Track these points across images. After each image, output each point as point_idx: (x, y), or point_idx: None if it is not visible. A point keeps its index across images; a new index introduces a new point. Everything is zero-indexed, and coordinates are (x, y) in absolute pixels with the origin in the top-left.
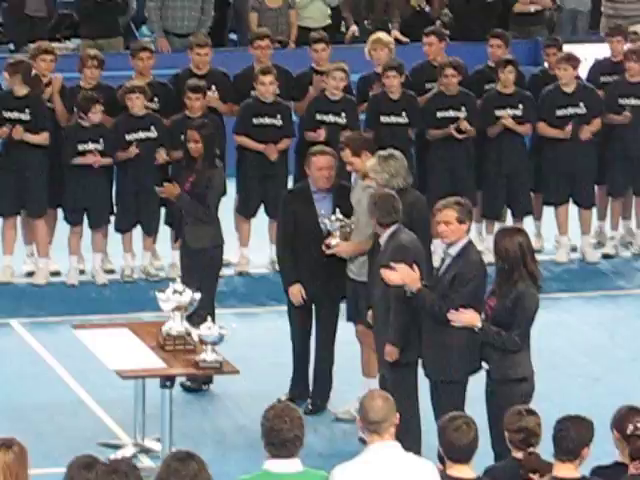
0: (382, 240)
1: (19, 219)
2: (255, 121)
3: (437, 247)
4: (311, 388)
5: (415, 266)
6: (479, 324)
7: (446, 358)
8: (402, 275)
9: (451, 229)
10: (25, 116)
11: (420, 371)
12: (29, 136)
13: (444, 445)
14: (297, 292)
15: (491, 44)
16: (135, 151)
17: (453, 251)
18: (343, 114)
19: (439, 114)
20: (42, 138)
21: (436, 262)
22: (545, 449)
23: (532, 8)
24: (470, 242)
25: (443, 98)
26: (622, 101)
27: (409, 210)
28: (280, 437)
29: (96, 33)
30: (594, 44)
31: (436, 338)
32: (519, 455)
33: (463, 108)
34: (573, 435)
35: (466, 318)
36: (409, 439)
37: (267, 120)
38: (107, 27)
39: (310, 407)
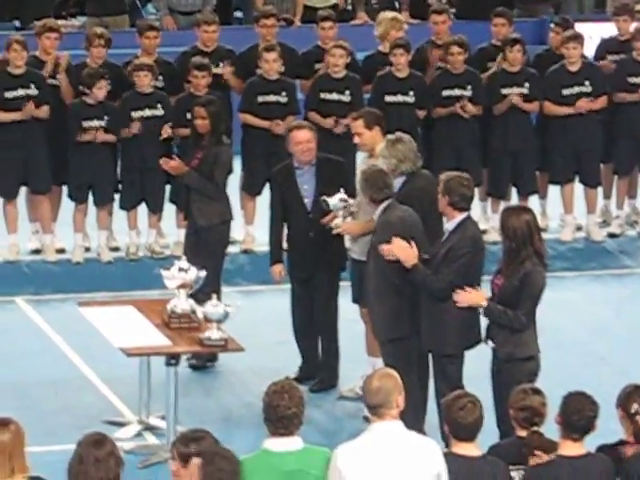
0: (375, 217)
1: (22, 196)
2: (260, 99)
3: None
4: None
5: (413, 243)
6: (484, 303)
7: (442, 332)
8: (396, 250)
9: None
10: (32, 91)
11: None
12: (37, 111)
13: (449, 423)
14: (277, 272)
15: (495, 23)
16: (137, 127)
17: (450, 226)
18: (347, 92)
19: (445, 92)
20: (45, 112)
21: None
22: (549, 428)
23: None
24: (468, 217)
25: (449, 76)
26: (631, 79)
27: (419, 194)
28: (277, 413)
29: (102, 11)
30: (600, 23)
31: (432, 312)
32: (523, 434)
33: (469, 86)
34: (588, 412)
35: (472, 298)
36: (410, 414)
37: (272, 97)
38: (113, 5)
39: (315, 385)
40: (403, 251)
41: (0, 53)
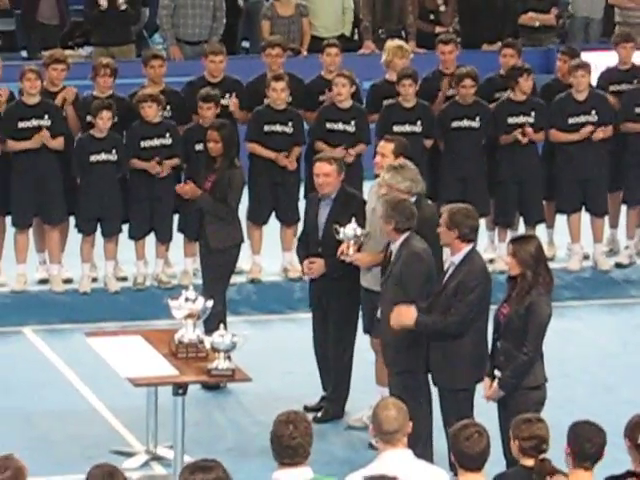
0: (394, 247)
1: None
2: (266, 128)
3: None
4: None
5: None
6: (412, 323)
7: (453, 366)
8: (398, 320)
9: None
10: (46, 122)
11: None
12: (51, 142)
13: (456, 453)
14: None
15: (504, 54)
16: (157, 169)
17: (457, 259)
18: (353, 122)
19: (454, 123)
20: (59, 143)
21: None
22: (554, 457)
23: (537, 23)
24: (473, 249)
25: (458, 107)
26: (638, 110)
27: (430, 224)
28: (282, 443)
29: (108, 41)
30: (606, 52)
31: (443, 346)
32: (528, 463)
33: (477, 117)
34: (598, 440)
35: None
36: (420, 445)
37: (278, 127)
38: (118, 35)
39: (319, 417)
40: (405, 317)
41: (9, 84)
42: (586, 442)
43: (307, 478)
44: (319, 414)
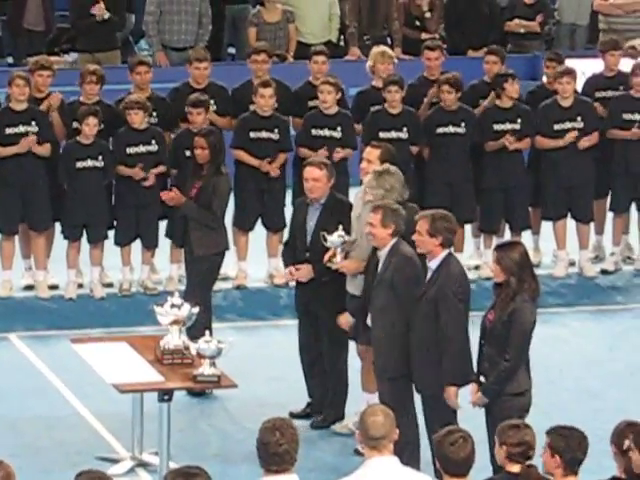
0: (383, 253)
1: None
2: (252, 135)
3: None
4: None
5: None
6: (484, 400)
7: (437, 372)
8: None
9: (420, 240)
10: (33, 128)
11: None
12: (38, 148)
13: (441, 459)
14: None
15: (487, 60)
16: (140, 175)
17: (434, 264)
18: (339, 128)
19: (439, 129)
20: (46, 149)
21: None
22: (538, 463)
23: (522, 30)
24: (450, 253)
25: (442, 113)
26: (626, 116)
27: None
28: (268, 450)
29: (93, 47)
30: (592, 59)
31: (426, 353)
32: (514, 469)
33: (462, 123)
34: (585, 443)
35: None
36: (407, 453)
37: (264, 134)
38: (104, 41)
39: (318, 422)
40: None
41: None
42: (577, 450)
43: None
44: (319, 419)
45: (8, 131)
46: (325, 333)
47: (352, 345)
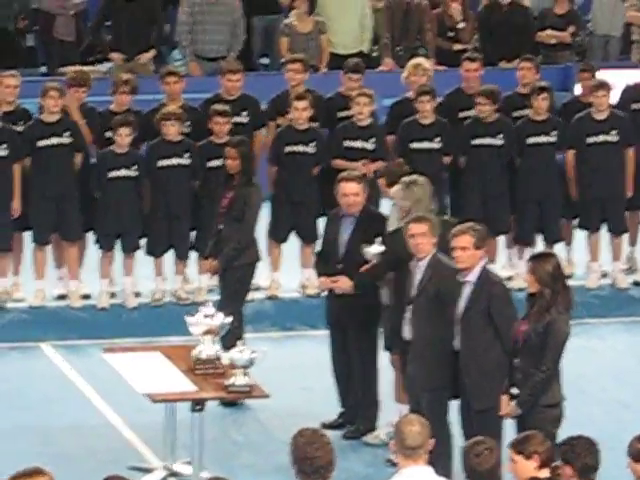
0: (422, 263)
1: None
2: (287, 149)
3: None
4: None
5: None
6: (517, 410)
7: (490, 387)
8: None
9: (467, 254)
10: (65, 139)
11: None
12: (77, 159)
13: (466, 470)
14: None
15: (521, 67)
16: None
17: (473, 277)
18: (371, 140)
19: (476, 141)
20: (79, 160)
21: None
22: None
23: (553, 40)
24: (485, 265)
25: (479, 125)
26: None
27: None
28: (314, 465)
29: (127, 45)
30: (625, 70)
31: (481, 368)
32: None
33: (499, 135)
34: (596, 450)
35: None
36: (440, 463)
37: (300, 148)
38: (139, 40)
39: (350, 432)
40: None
41: (28, 99)
42: (587, 455)
43: None
44: (351, 429)
45: (40, 144)
46: (354, 345)
47: (382, 355)
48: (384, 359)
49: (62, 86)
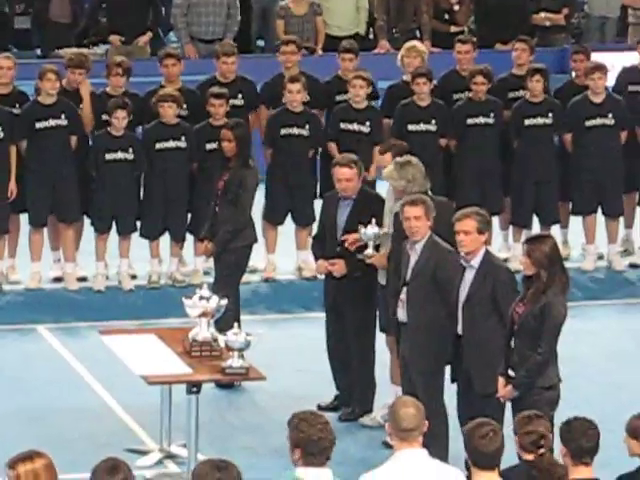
0: (419, 245)
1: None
2: (283, 131)
3: None
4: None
5: None
6: (513, 393)
7: (492, 371)
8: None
9: (470, 239)
10: (62, 121)
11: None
12: (73, 141)
13: (471, 452)
14: (322, 266)
15: (516, 47)
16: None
17: (476, 263)
18: (368, 123)
19: (469, 120)
20: (74, 142)
21: None
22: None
23: (547, 22)
24: (487, 249)
25: (472, 105)
26: None
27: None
28: (320, 446)
29: (124, 28)
30: (622, 52)
31: (484, 352)
32: (529, 457)
33: (491, 114)
34: (593, 433)
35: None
36: (436, 445)
37: (295, 130)
38: (135, 22)
39: (346, 415)
40: (502, 390)
41: (24, 81)
42: (582, 437)
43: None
44: (347, 411)
45: (38, 125)
46: (351, 328)
47: (379, 338)
48: (380, 341)
49: (59, 68)
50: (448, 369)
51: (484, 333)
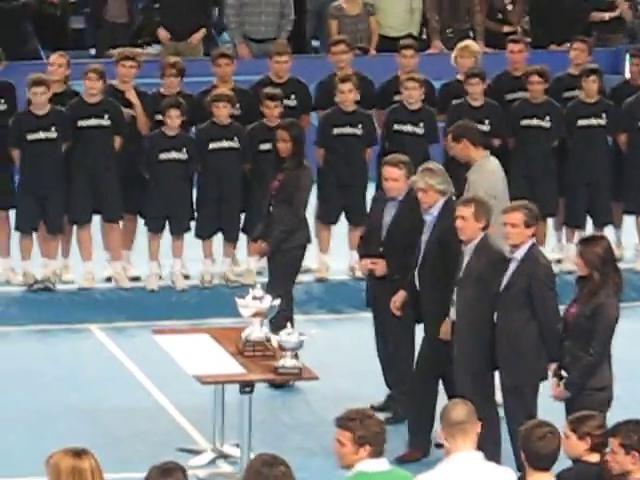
0: (471, 246)
1: (98, 225)
2: (336, 131)
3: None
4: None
5: None
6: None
7: (523, 364)
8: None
9: (517, 232)
10: (105, 121)
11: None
12: (117, 142)
13: (529, 453)
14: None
15: (575, 47)
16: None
17: (519, 255)
18: (421, 124)
19: (524, 122)
20: (118, 143)
21: None
22: None
23: (607, 16)
24: (534, 244)
25: (528, 106)
26: None
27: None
28: (381, 439)
29: (176, 26)
30: None
31: (514, 344)
32: (593, 458)
33: (547, 117)
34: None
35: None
36: (490, 447)
37: (348, 129)
38: (188, 20)
39: (389, 419)
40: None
41: (77, 81)
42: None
43: (386, 468)
44: (389, 415)
45: (80, 123)
46: (389, 329)
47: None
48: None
49: (103, 68)
50: None
51: (516, 325)
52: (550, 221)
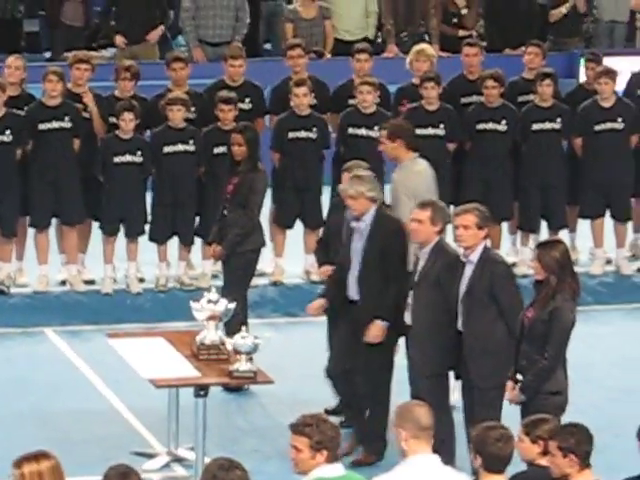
0: (426, 249)
1: (53, 228)
2: (291, 135)
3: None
4: None
5: None
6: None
7: (494, 365)
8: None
9: (469, 234)
10: (66, 124)
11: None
12: (76, 145)
13: (486, 456)
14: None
15: (529, 51)
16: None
17: (474, 258)
18: (376, 127)
19: (479, 126)
20: (77, 145)
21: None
22: None
23: (563, 9)
24: (487, 246)
25: (484, 110)
26: None
27: (388, 233)
28: (336, 444)
29: (132, 29)
30: (631, 57)
31: (484, 346)
32: (542, 462)
33: (503, 121)
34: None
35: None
36: (444, 450)
37: (303, 133)
38: (143, 23)
39: (343, 420)
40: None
41: (32, 84)
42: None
43: (342, 473)
44: (343, 419)
45: (41, 127)
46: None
47: None
48: None
49: (62, 70)
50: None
51: (483, 326)
52: (505, 225)
